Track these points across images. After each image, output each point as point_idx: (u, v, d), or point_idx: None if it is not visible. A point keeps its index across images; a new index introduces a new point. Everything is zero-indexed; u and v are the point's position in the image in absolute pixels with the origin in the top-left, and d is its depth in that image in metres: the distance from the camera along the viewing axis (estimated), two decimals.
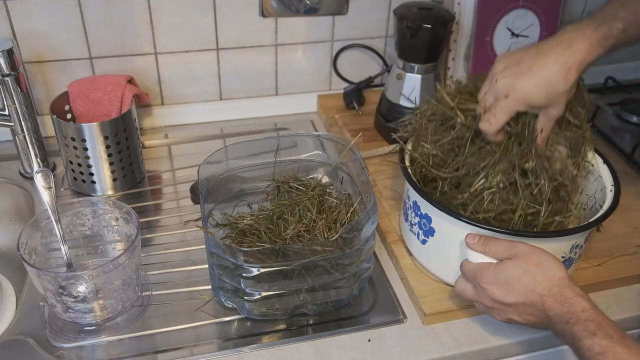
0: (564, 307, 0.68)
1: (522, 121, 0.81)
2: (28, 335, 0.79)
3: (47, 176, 0.84)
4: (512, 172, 0.79)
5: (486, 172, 0.80)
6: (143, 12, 1.11)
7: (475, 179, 0.81)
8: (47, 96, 1.13)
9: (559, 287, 0.70)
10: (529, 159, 0.79)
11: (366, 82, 1.29)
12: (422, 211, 0.83)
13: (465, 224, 0.77)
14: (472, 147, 0.83)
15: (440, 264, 0.86)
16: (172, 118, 1.22)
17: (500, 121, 0.79)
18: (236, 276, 0.77)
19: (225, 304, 0.83)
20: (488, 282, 0.73)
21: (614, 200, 0.82)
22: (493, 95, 0.79)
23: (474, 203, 0.80)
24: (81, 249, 0.90)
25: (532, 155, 0.80)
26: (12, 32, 1.06)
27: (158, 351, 0.78)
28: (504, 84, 0.78)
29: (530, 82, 0.76)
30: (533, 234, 0.78)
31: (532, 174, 0.80)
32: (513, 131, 0.81)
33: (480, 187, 0.80)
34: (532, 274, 0.71)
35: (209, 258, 0.79)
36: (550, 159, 0.82)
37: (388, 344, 0.80)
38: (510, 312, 0.73)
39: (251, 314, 0.81)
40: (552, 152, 0.82)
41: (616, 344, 0.63)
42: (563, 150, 0.83)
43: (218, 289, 0.82)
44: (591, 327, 0.65)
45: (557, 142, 0.83)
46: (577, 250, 0.82)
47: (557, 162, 0.82)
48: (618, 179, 0.85)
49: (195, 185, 1.04)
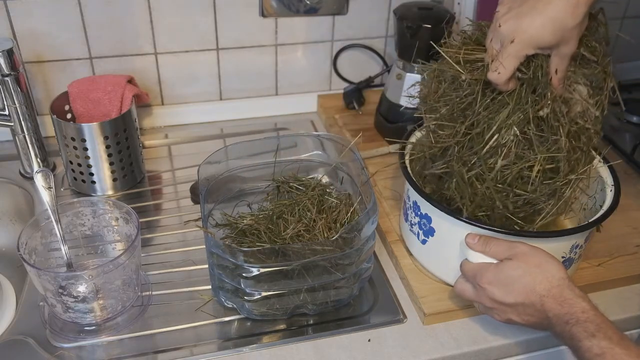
0: (564, 308, 0.68)
1: (534, 65, 0.74)
2: (28, 335, 0.79)
3: (47, 176, 0.84)
4: (527, 124, 0.74)
5: (498, 126, 0.75)
6: (143, 12, 1.11)
7: (488, 135, 0.75)
8: (47, 96, 1.13)
9: (559, 287, 0.70)
10: (544, 105, 0.74)
11: (366, 82, 1.29)
12: (422, 211, 0.83)
13: (465, 224, 0.77)
14: (483, 101, 0.77)
15: (440, 264, 0.86)
16: (172, 118, 1.22)
17: (509, 68, 0.73)
18: (236, 276, 0.77)
19: (225, 304, 0.83)
20: (488, 282, 0.73)
21: (614, 200, 0.82)
22: (499, 42, 0.74)
23: (488, 165, 0.75)
24: (81, 249, 0.90)
25: (547, 100, 0.74)
26: (12, 32, 1.06)
27: (158, 351, 0.78)
28: (508, 27, 0.72)
29: (536, 21, 0.70)
30: (533, 233, 0.78)
31: (549, 122, 0.74)
32: (525, 77, 0.75)
33: (494, 144, 0.75)
34: (532, 275, 0.71)
35: (209, 258, 0.79)
36: (570, 101, 0.76)
37: (388, 344, 0.80)
38: (509, 312, 0.73)
39: (251, 314, 0.81)
40: (571, 92, 0.76)
41: (615, 345, 0.63)
42: (583, 89, 0.76)
43: (218, 289, 0.82)
44: (590, 328, 0.65)
45: (575, 81, 0.76)
46: (577, 250, 0.82)
47: (577, 104, 0.76)
48: (618, 179, 0.85)
49: (195, 185, 1.04)
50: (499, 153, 0.75)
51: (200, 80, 1.21)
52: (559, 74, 0.75)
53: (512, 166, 0.75)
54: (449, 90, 0.80)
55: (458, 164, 0.79)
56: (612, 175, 0.86)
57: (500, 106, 0.76)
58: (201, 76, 1.21)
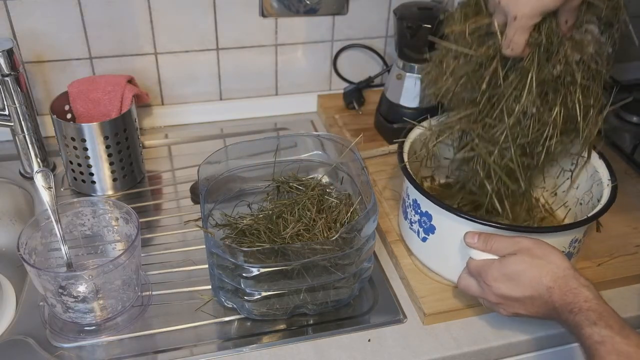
0: (568, 298, 0.69)
1: (545, 28, 0.74)
2: (28, 335, 0.79)
3: (47, 176, 0.84)
4: (545, 88, 0.76)
5: (519, 96, 0.76)
6: (143, 12, 1.11)
7: (512, 106, 0.77)
8: (47, 96, 1.13)
9: (564, 278, 0.70)
10: (557, 63, 0.75)
11: (366, 82, 1.29)
12: (422, 209, 0.83)
13: (466, 220, 0.77)
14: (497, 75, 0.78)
15: (441, 262, 0.86)
16: (172, 118, 1.22)
17: (520, 43, 0.74)
18: (236, 276, 0.77)
19: (225, 304, 0.83)
20: (494, 279, 0.73)
21: (612, 195, 0.82)
22: (503, 15, 0.74)
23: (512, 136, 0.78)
24: (81, 249, 0.90)
25: (561, 58, 0.75)
26: (12, 32, 1.06)
27: (158, 351, 0.78)
28: (506, 3, 0.72)
29: None
30: (533, 229, 0.79)
31: (562, 79, 0.76)
32: (539, 40, 0.75)
33: (520, 113, 0.77)
34: (537, 267, 0.71)
35: (209, 258, 0.79)
36: (583, 42, 0.77)
37: (388, 344, 0.80)
38: (517, 306, 0.73)
39: (251, 314, 0.81)
40: (583, 34, 0.77)
41: (616, 334, 0.64)
42: (594, 29, 0.77)
43: (218, 289, 0.82)
44: (592, 317, 0.66)
45: (585, 21, 0.76)
46: (576, 245, 0.82)
47: (590, 44, 0.77)
48: (614, 174, 0.86)
49: (195, 185, 1.04)
50: (523, 124, 0.76)
51: (200, 80, 1.21)
52: (569, 22, 0.75)
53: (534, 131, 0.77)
54: (461, 68, 0.81)
55: (482, 144, 0.80)
56: (608, 170, 0.86)
57: (520, 75, 0.76)
58: (201, 76, 1.21)
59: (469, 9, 0.81)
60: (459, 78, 0.82)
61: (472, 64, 0.80)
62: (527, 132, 0.78)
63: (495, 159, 0.82)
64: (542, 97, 0.77)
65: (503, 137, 0.79)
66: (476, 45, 0.79)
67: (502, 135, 0.79)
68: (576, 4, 0.73)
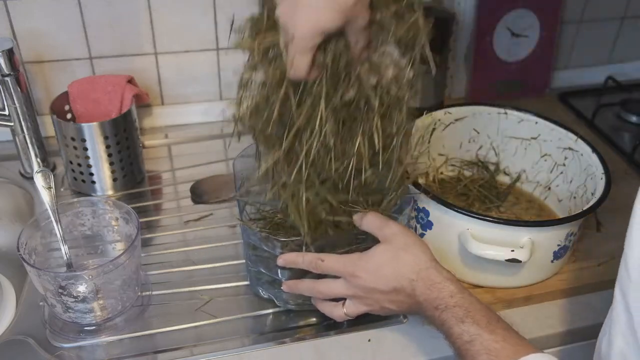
0: (433, 292, 0.67)
1: (331, 49, 0.66)
2: (28, 335, 0.79)
3: (47, 176, 0.84)
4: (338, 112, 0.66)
5: (311, 126, 0.66)
6: (143, 12, 1.11)
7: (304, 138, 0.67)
8: (47, 96, 1.13)
9: (427, 270, 0.69)
10: (349, 87, 0.66)
11: None
12: (419, 205, 0.84)
13: (464, 215, 0.78)
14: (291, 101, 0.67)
15: (439, 257, 0.85)
16: (172, 118, 1.22)
17: (302, 65, 0.64)
18: (273, 267, 0.77)
19: (262, 295, 0.83)
20: (363, 269, 0.71)
21: (606, 188, 0.82)
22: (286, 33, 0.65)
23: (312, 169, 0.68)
24: (81, 249, 0.90)
25: (353, 82, 0.66)
26: (12, 32, 1.06)
27: (158, 351, 0.78)
28: (285, 21, 0.63)
29: (309, 10, 0.62)
30: (531, 223, 0.79)
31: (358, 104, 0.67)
32: (326, 62, 0.66)
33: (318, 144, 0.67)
34: (400, 258, 0.70)
35: (245, 250, 0.79)
36: (381, 65, 0.68)
37: (388, 344, 0.80)
38: (383, 300, 0.72)
39: (287, 304, 0.82)
40: (382, 55, 0.68)
41: (483, 331, 0.63)
42: (393, 50, 0.68)
43: (255, 279, 0.82)
44: (459, 314, 0.65)
45: (383, 42, 0.68)
46: (572, 238, 0.83)
47: (389, 67, 0.68)
48: (608, 166, 0.86)
49: (195, 185, 1.04)
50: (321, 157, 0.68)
51: (200, 80, 1.21)
52: (360, 44, 0.67)
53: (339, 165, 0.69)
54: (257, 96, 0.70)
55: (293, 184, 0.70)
56: (601, 163, 0.87)
57: (312, 101, 0.67)
58: (201, 76, 1.21)
59: (261, 23, 0.69)
60: (253, 106, 0.70)
61: (265, 89, 0.69)
62: (330, 166, 0.69)
63: (298, 202, 0.71)
64: (341, 125, 0.68)
65: (305, 175, 0.69)
66: (267, 66, 0.68)
67: (305, 173, 0.69)
68: (362, 23, 0.64)
